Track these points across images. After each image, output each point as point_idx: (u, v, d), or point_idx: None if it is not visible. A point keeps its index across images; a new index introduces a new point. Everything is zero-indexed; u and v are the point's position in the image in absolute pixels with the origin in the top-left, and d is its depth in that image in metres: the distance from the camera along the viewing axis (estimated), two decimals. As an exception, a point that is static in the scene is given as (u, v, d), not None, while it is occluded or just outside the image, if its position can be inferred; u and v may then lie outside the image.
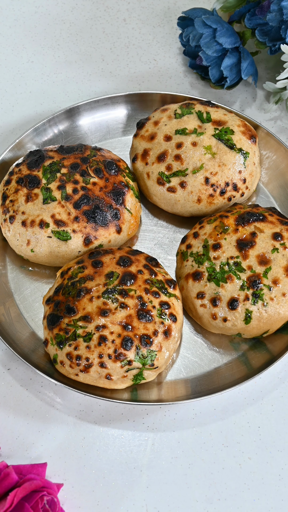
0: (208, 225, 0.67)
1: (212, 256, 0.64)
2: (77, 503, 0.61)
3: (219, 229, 0.65)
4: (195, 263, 0.65)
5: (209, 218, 0.69)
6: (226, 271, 0.63)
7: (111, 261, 0.66)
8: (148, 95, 0.84)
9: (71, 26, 0.98)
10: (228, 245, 0.64)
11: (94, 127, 0.84)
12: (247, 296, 0.63)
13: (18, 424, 0.65)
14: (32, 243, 0.70)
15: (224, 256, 0.64)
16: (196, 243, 0.67)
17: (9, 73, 0.93)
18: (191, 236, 0.68)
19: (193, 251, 0.66)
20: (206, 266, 0.64)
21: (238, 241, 0.64)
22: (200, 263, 0.64)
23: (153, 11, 1.00)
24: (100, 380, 0.62)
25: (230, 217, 0.66)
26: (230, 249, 0.64)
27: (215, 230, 0.66)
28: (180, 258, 0.69)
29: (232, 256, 0.63)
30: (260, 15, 0.82)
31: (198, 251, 0.65)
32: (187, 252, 0.67)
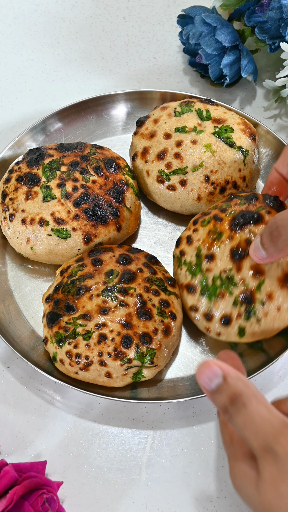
0: (202, 228, 0.63)
1: (204, 268, 0.60)
2: (77, 501, 0.61)
3: (213, 234, 0.61)
4: (188, 273, 0.62)
5: (203, 218, 0.65)
6: (218, 286, 0.59)
7: (110, 259, 0.66)
8: (147, 93, 0.84)
9: (70, 24, 0.98)
10: (221, 255, 0.60)
11: (94, 125, 0.84)
12: (240, 313, 0.60)
13: (17, 422, 0.65)
14: (31, 241, 0.70)
15: (217, 269, 0.60)
16: (190, 251, 0.63)
17: (9, 71, 0.93)
18: (185, 241, 0.65)
19: (186, 259, 0.62)
20: (199, 279, 0.61)
21: (232, 250, 0.60)
22: (193, 275, 0.61)
23: (152, 9, 1.00)
24: (99, 378, 0.62)
25: (224, 219, 0.61)
26: (224, 260, 0.59)
27: (208, 235, 0.61)
28: (175, 262, 0.66)
29: (225, 269, 0.59)
30: (259, 13, 0.82)
31: (191, 261, 0.62)
32: (181, 260, 0.63)
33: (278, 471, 0.42)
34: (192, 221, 0.65)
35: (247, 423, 0.43)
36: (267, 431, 0.42)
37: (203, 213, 0.64)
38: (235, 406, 0.44)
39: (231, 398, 0.44)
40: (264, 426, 0.42)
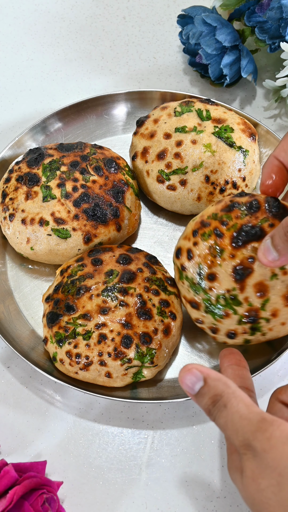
0: (202, 242, 0.57)
1: (207, 287, 0.57)
2: (77, 500, 0.61)
3: (214, 251, 0.56)
4: (190, 289, 0.59)
5: (203, 230, 0.58)
6: (222, 305, 0.57)
7: (110, 259, 0.66)
8: (147, 93, 0.84)
9: (70, 24, 0.98)
10: (223, 274, 0.56)
11: (94, 125, 0.84)
12: (245, 330, 0.59)
13: (17, 422, 0.65)
14: (31, 241, 0.70)
15: (220, 288, 0.56)
16: (191, 267, 0.58)
17: (9, 71, 0.93)
18: (185, 255, 0.59)
19: (187, 275, 0.59)
20: (202, 297, 0.58)
21: (234, 269, 0.56)
22: (196, 292, 0.58)
23: (152, 9, 1.00)
24: (99, 378, 0.62)
25: (225, 235, 0.56)
26: (226, 280, 0.56)
27: (209, 252, 0.57)
28: (176, 272, 0.61)
29: (228, 289, 0.56)
30: (259, 12, 0.82)
31: (192, 278, 0.58)
32: (183, 274, 0.60)
33: (258, 467, 0.43)
34: (192, 231, 0.59)
35: (228, 422, 0.44)
36: (245, 428, 0.43)
37: (203, 223, 0.58)
38: (217, 407, 0.45)
39: (212, 400, 0.45)
40: (243, 423, 0.43)
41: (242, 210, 0.56)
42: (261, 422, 0.43)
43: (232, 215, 0.56)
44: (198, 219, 0.58)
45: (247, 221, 0.55)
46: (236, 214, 0.56)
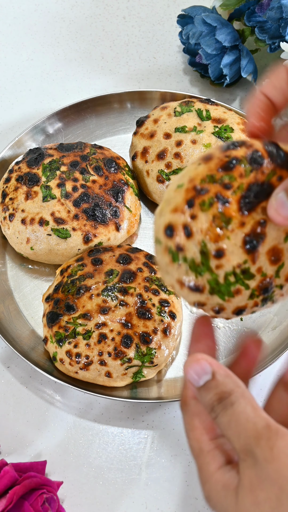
0: (203, 214, 0.45)
1: (214, 265, 0.46)
2: (77, 500, 0.61)
3: (219, 222, 0.45)
4: (191, 271, 0.46)
5: (201, 197, 0.45)
6: (233, 282, 0.47)
7: (110, 259, 0.66)
8: (147, 93, 0.84)
9: (70, 24, 0.98)
10: (233, 247, 0.45)
11: (94, 125, 0.84)
12: (256, 303, 0.50)
13: (17, 422, 0.65)
14: (31, 241, 0.70)
15: (229, 264, 0.46)
16: (191, 246, 0.44)
17: (9, 71, 0.93)
18: (181, 232, 0.45)
19: (187, 256, 0.45)
20: (207, 278, 0.46)
21: (245, 240, 0.46)
22: (199, 273, 0.46)
23: (152, 9, 1.00)
24: (99, 377, 0.62)
25: (232, 200, 0.44)
26: (236, 254, 0.45)
27: (213, 224, 0.45)
28: (165, 254, 0.46)
29: (239, 263, 0.46)
30: (259, 12, 0.82)
31: (194, 258, 0.45)
32: (178, 255, 0.45)
33: (256, 477, 0.40)
34: (185, 201, 0.45)
35: (232, 423, 0.41)
36: (249, 432, 0.40)
37: (197, 189, 0.44)
38: (223, 405, 0.42)
39: (219, 397, 0.42)
40: (248, 427, 0.41)
41: (246, 167, 0.45)
42: (266, 428, 0.40)
43: (235, 174, 0.45)
44: (186, 184, 0.44)
45: (254, 179, 0.45)
46: (239, 172, 0.45)
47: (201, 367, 0.43)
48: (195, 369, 0.43)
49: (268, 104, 0.48)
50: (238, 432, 0.41)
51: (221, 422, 0.42)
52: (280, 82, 0.46)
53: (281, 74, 0.47)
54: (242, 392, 0.42)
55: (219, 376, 0.43)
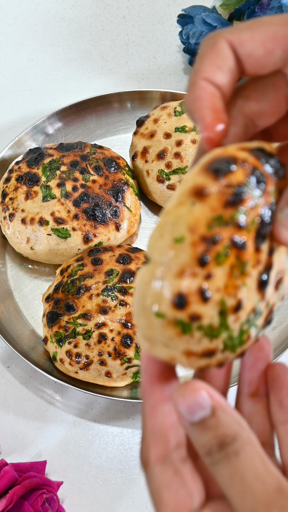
0: (219, 268, 0.34)
1: (231, 321, 0.37)
2: (77, 500, 0.61)
3: (237, 271, 0.35)
4: (206, 338, 0.36)
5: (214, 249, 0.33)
6: (246, 330, 0.38)
7: (110, 259, 0.66)
8: (147, 93, 0.84)
9: (70, 23, 0.98)
10: (249, 293, 0.36)
11: (94, 124, 0.84)
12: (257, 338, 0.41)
13: (17, 422, 0.65)
14: (31, 241, 0.70)
15: (245, 313, 0.37)
16: (208, 311, 0.34)
17: (9, 70, 0.93)
18: (195, 297, 0.33)
19: (203, 324, 0.34)
20: (223, 338, 0.36)
21: (259, 279, 0.37)
22: (214, 337, 0.36)
23: (152, 9, 1.00)
24: (99, 377, 0.62)
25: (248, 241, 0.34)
26: (252, 297, 0.37)
27: (232, 274, 0.34)
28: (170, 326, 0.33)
29: (253, 307, 0.38)
30: (260, 12, 0.82)
31: (212, 323, 0.34)
32: (191, 325, 0.34)
33: None
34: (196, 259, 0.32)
35: (236, 479, 0.32)
36: (258, 496, 0.32)
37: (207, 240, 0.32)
38: (224, 453, 0.32)
39: (220, 441, 0.32)
40: (256, 488, 0.32)
41: (254, 193, 0.34)
42: (279, 493, 0.32)
43: (245, 206, 0.34)
44: (189, 236, 0.32)
45: (263, 204, 0.35)
46: (250, 202, 0.34)
47: (196, 400, 0.32)
48: (189, 402, 0.32)
49: (218, 95, 0.33)
50: (243, 493, 0.32)
51: (221, 474, 0.32)
52: (225, 61, 0.33)
53: (222, 49, 0.33)
54: (248, 438, 0.33)
55: (221, 413, 0.33)
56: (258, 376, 0.37)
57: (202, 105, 0.33)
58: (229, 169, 0.32)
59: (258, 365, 0.37)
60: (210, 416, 0.32)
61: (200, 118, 0.33)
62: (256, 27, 0.32)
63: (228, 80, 0.33)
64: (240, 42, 0.32)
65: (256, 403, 0.37)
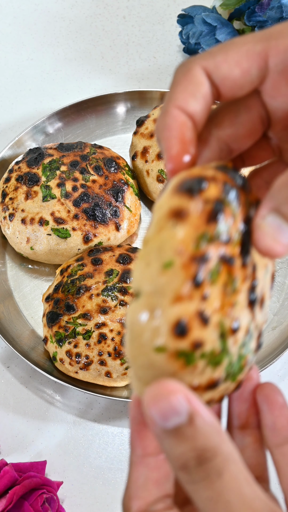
0: (213, 288, 0.32)
1: (231, 343, 0.33)
2: (77, 500, 0.61)
3: (229, 288, 0.33)
4: (209, 366, 0.32)
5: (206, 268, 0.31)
6: (243, 355, 0.35)
7: (110, 259, 0.66)
8: (147, 93, 0.84)
9: (70, 23, 0.98)
10: (243, 310, 0.34)
11: (94, 124, 0.84)
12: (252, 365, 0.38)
13: (17, 422, 0.65)
14: (31, 241, 0.70)
15: (242, 334, 0.35)
16: (210, 335, 0.31)
17: (9, 70, 0.93)
18: (195, 321, 0.30)
19: (205, 351, 0.31)
20: (225, 365, 0.33)
21: (249, 296, 0.35)
22: (217, 364, 0.33)
23: (152, 9, 1.00)
24: (99, 377, 0.62)
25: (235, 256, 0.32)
26: (245, 316, 0.35)
27: (225, 292, 0.33)
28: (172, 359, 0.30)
29: (247, 327, 0.35)
30: (260, 12, 0.82)
31: (214, 349, 0.32)
32: (194, 354, 0.31)
33: None
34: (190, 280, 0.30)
35: (220, 503, 0.27)
36: None
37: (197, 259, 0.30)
38: (204, 471, 0.27)
39: (198, 455, 0.27)
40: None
41: (232, 206, 0.33)
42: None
43: (228, 220, 0.32)
44: (177, 259, 0.30)
45: (242, 218, 0.34)
46: (230, 215, 0.33)
47: (171, 404, 0.27)
48: (162, 407, 0.27)
49: (189, 125, 0.32)
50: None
51: (201, 498, 0.28)
52: (199, 88, 0.31)
53: (196, 76, 0.32)
54: (231, 453, 0.28)
55: (201, 421, 0.27)
56: (247, 407, 0.34)
57: (170, 135, 0.31)
58: (202, 187, 0.31)
59: (247, 395, 0.34)
60: (187, 424, 0.27)
61: (166, 149, 0.31)
62: (229, 48, 0.31)
63: (202, 107, 0.32)
64: (214, 66, 0.31)
65: (246, 436, 0.34)
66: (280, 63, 0.31)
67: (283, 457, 0.32)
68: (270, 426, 0.33)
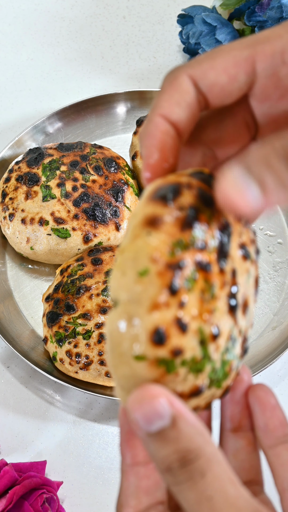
0: (190, 294, 0.31)
1: (212, 350, 0.33)
2: (77, 500, 0.61)
3: (207, 294, 0.32)
4: (191, 374, 0.32)
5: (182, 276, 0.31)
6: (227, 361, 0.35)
7: (110, 259, 0.66)
8: (147, 93, 0.84)
9: (70, 23, 0.98)
10: (223, 316, 0.33)
11: (94, 124, 0.84)
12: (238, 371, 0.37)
13: (17, 422, 0.65)
14: (31, 241, 0.70)
15: (223, 340, 0.34)
16: (189, 342, 0.31)
17: (9, 70, 0.93)
18: (174, 328, 0.30)
19: (186, 358, 0.31)
20: (208, 371, 0.33)
21: (228, 302, 0.34)
22: (199, 371, 0.32)
23: (152, 9, 1.00)
24: (99, 377, 0.62)
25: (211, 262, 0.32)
26: (227, 322, 0.34)
27: (203, 299, 0.32)
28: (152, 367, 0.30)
29: (229, 333, 0.34)
30: (260, 12, 0.82)
31: (194, 356, 0.32)
32: (174, 362, 0.31)
33: None
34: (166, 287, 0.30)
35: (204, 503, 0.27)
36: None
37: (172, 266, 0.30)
38: (188, 472, 0.28)
39: (181, 456, 0.28)
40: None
41: (206, 212, 0.32)
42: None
43: (203, 226, 0.32)
44: (152, 267, 0.30)
45: (217, 222, 0.33)
46: (205, 221, 0.32)
47: (154, 408, 0.27)
48: (146, 411, 0.27)
49: (171, 133, 0.32)
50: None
51: (186, 498, 0.28)
52: (184, 96, 0.31)
53: (182, 84, 0.31)
54: (214, 454, 0.28)
55: (183, 424, 0.28)
56: (239, 409, 0.34)
57: (150, 144, 0.32)
58: (176, 194, 0.31)
59: (239, 398, 0.35)
60: (170, 427, 0.28)
61: (145, 157, 0.32)
62: (216, 56, 0.31)
63: (187, 115, 0.31)
64: (201, 74, 0.31)
65: (240, 439, 0.34)
66: (268, 68, 0.31)
67: (277, 458, 0.32)
68: (263, 428, 0.33)
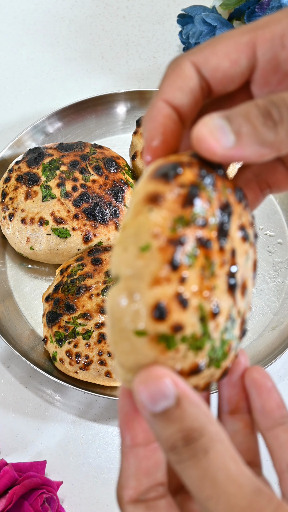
0: (191, 270, 0.31)
1: (212, 327, 0.33)
2: (77, 500, 0.61)
3: (208, 272, 0.33)
4: (191, 351, 0.33)
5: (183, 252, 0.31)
6: (226, 341, 0.35)
7: (110, 259, 0.66)
8: (147, 93, 0.84)
9: (70, 23, 0.98)
10: (222, 295, 0.34)
11: (94, 124, 0.84)
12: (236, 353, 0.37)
13: (17, 422, 0.65)
14: (31, 241, 0.70)
15: (223, 318, 0.34)
16: (190, 319, 0.31)
17: (9, 70, 0.93)
18: (175, 304, 0.30)
19: (186, 334, 0.32)
20: (207, 349, 0.33)
21: (228, 280, 0.34)
22: (199, 349, 0.33)
23: (152, 8, 1.00)
24: (99, 377, 0.62)
25: (212, 239, 0.32)
26: (226, 301, 0.34)
27: (203, 276, 0.32)
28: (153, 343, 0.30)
29: (229, 312, 0.35)
30: (260, 12, 0.82)
31: (195, 332, 0.32)
32: (174, 338, 0.31)
33: None
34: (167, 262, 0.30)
35: (207, 481, 0.28)
36: (234, 500, 0.28)
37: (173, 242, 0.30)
38: (191, 450, 0.28)
39: (185, 435, 0.29)
40: (231, 492, 0.28)
41: (208, 190, 0.33)
42: (256, 496, 0.28)
43: (204, 203, 0.33)
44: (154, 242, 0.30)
45: (218, 201, 0.34)
46: (206, 199, 0.33)
47: (159, 388, 0.28)
48: (151, 391, 0.28)
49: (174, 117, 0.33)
50: (216, 497, 0.28)
51: (189, 476, 0.29)
52: (187, 81, 0.32)
53: (184, 70, 0.32)
54: (217, 433, 0.29)
55: (187, 404, 0.29)
56: (237, 391, 0.35)
57: (153, 127, 0.32)
58: (177, 172, 0.31)
59: (236, 380, 0.35)
60: (175, 407, 0.29)
61: (147, 139, 0.32)
62: (217, 42, 0.32)
63: (189, 100, 0.32)
64: (203, 60, 0.32)
65: (237, 421, 0.35)
66: (267, 52, 0.31)
67: (275, 440, 0.33)
68: (260, 410, 0.33)
